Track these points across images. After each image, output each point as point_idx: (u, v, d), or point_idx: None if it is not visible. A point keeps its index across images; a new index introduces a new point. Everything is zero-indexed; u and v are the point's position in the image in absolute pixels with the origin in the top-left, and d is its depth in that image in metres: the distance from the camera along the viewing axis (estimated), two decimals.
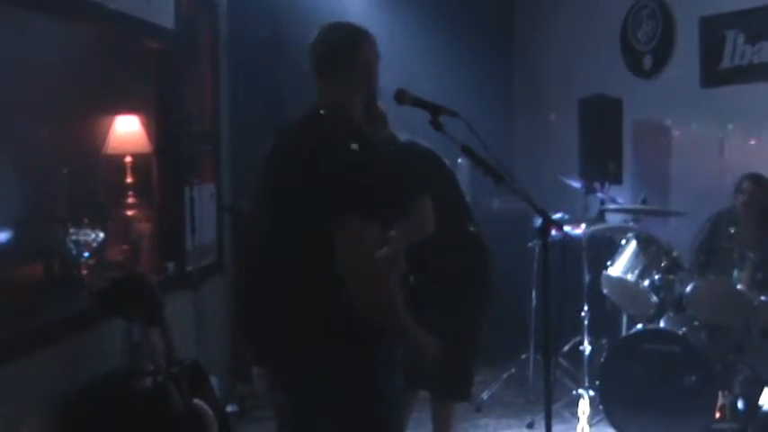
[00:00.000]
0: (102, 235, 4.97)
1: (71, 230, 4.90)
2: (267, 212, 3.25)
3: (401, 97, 3.38)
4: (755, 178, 6.24)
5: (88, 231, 4.92)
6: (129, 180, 5.61)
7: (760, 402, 5.66)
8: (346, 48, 3.31)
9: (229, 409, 5.92)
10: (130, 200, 5.61)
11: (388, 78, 3.52)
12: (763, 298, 5.70)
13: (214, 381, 5.18)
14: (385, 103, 3.83)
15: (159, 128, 5.84)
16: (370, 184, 3.05)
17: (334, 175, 3.00)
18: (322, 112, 3.25)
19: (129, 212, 5.61)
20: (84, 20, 4.93)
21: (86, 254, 4.94)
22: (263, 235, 3.28)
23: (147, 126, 5.72)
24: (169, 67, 5.87)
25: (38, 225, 4.89)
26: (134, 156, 5.62)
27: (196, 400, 4.64)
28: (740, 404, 5.71)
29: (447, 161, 4.74)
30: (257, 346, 3.37)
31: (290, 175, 3.11)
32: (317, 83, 3.34)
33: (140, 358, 4.62)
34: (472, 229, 4.70)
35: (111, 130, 5.56)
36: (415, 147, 4.59)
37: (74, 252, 4.90)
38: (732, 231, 6.15)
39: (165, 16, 5.71)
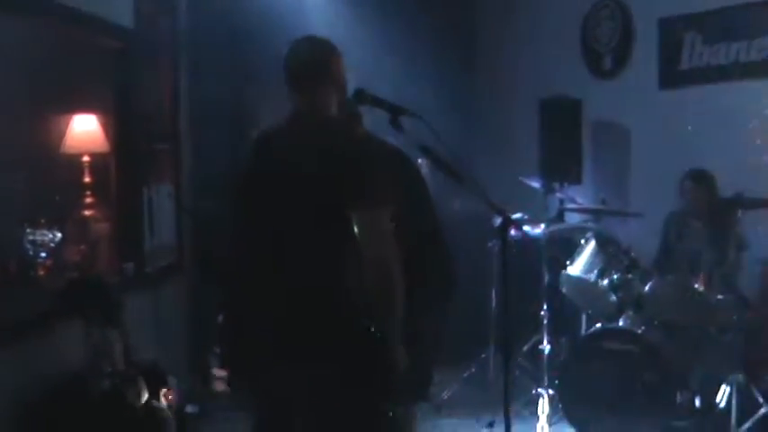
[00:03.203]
0: (59, 235, 4.93)
1: (28, 230, 4.86)
2: (288, 211, 3.32)
3: (360, 97, 3.40)
4: (695, 176, 6.28)
5: (45, 231, 4.89)
6: (86, 180, 5.57)
7: (717, 400, 5.72)
8: (326, 60, 3.47)
9: (189, 410, 5.88)
10: (88, 200, 5.57)
11: (348, 78, 3.54)
12: (719, 297, 5.75)
13: (173, 382, 5.15)
14: None
15: (118, 127, 5.79)
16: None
17: (370, 169, 3.27)
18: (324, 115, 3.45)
19: (87, 212, 5.57)
20: (41, 18, 4.88)
21: (43, 254, 4.90)
22: (281, 231, 3.34)
23: (106, 125, 5.68)
24: (128, 66, 5.82)
25: None
26: (92, 155, 5.57)
27: (155, 402, 4.61)
28: (697, 402, 5.75)
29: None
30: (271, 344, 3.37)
31: (322, 174, 3.26)
32: (296, 92, 3.47)
33: (98, 359, 4.58)
34: (434, 230, 4.68)
35: (68, 130, 5.51)
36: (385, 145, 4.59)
37: (31, 252, 4.86)
38: (684, 231, 6.22)
39: (123, 15, 5.67)
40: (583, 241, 6.26)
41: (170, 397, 4.89)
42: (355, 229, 3.17)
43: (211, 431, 5.97)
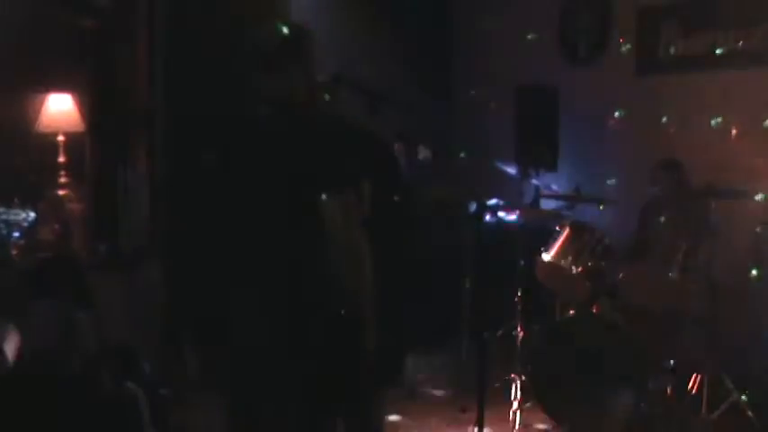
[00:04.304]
0: (32, 214, 4.90)
1: (1, 209, 4.82)
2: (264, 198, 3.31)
3: (337, 81, 3.39)
4: (666, 166, 6.30)
5: (18, 211, 4.85)
6: (61, 159, 5.53)
7: (688, 387, 5.76)
8: (295, 43, 3.43)
9: (162, 392, 5.86)
10: (63, 179, 5.54)
11: (326, 62, 3.53)
12: (692, 285, 5.78)
13: (146, 363, 5.13)
14: None
15: (93, 107, 5.76)
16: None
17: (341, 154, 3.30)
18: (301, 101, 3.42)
19: (62, 192, 5.54)
20: None
21: (16, 233, 4.86)
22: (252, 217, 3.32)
23: (81, 105, 5.64)
24: (104, 44, 5.78)
25: None
26: (67, 135, 5.53)
27: (127, 384, 4.59)
28: (669, 389, 5.79)
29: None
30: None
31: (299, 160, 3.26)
32: (265, 75, 3.43)
33: (71, 340, 4.55)
34: (403, 214, 4.66)
35: (43, 108, 5.47)
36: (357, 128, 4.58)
37: (3, 231, 4.82)
38: (659, 220, 6.24)
39: None
40: (558, 228, 6.27)
41: None
42: (324, 213, 3.17)
43: (184, 414, 5.95)
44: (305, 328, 3.22)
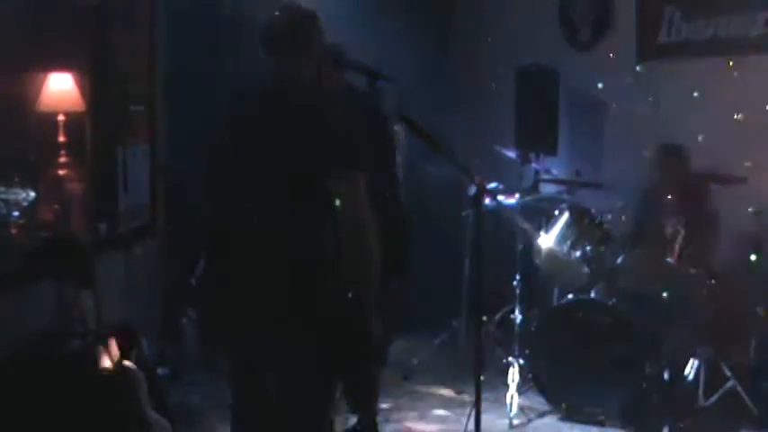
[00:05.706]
0: (32, 194, 4.89)
1: (0, 189, 4.82)
2: (267, 175, 3.32)
3: (338, 61, 3.39)
4: (667, 149, 6.31)
5: (18, 190, 4.84)
6: (61, 139, 5.52)
7: (685, 373, 5.77)
8: (306, 27, 3.47)
9: (160, 371, 5.88)
10: (62, 159, 5.53)
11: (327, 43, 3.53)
12: (691, 271, 5.79)
13: (145, 343, 5.14)
14: None
15: (93, 86, 5.75)
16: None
17: (345, 133, 3.27)
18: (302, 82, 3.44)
19: (61, 172, 5.53)
20: None
21: (16, 213, 4.86)
22: (258, 195, 3.34)
23: (81, 84, 5.63)
24: (104, 23, 5.77)
25: None
26: (67, 114, 5.52)
27: (126, 363, 4.61)
28: (666, 374, 5.81)
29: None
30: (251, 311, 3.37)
31: (300, 138, 3.27)
32: (275, 58, 3.46)
33: (70, 319, 4.57)
34: (393, 195, 4.66)
35: (43, 88, 5.46)
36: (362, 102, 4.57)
37: (3, 211, 4.82)
38: (657, 205, 6.24)
39: None
40: (557, 212, 6.28)
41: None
42: (333, 193, 3.18)
43: (182, 393, 5.97)
44: (311, 305, 3.22)
